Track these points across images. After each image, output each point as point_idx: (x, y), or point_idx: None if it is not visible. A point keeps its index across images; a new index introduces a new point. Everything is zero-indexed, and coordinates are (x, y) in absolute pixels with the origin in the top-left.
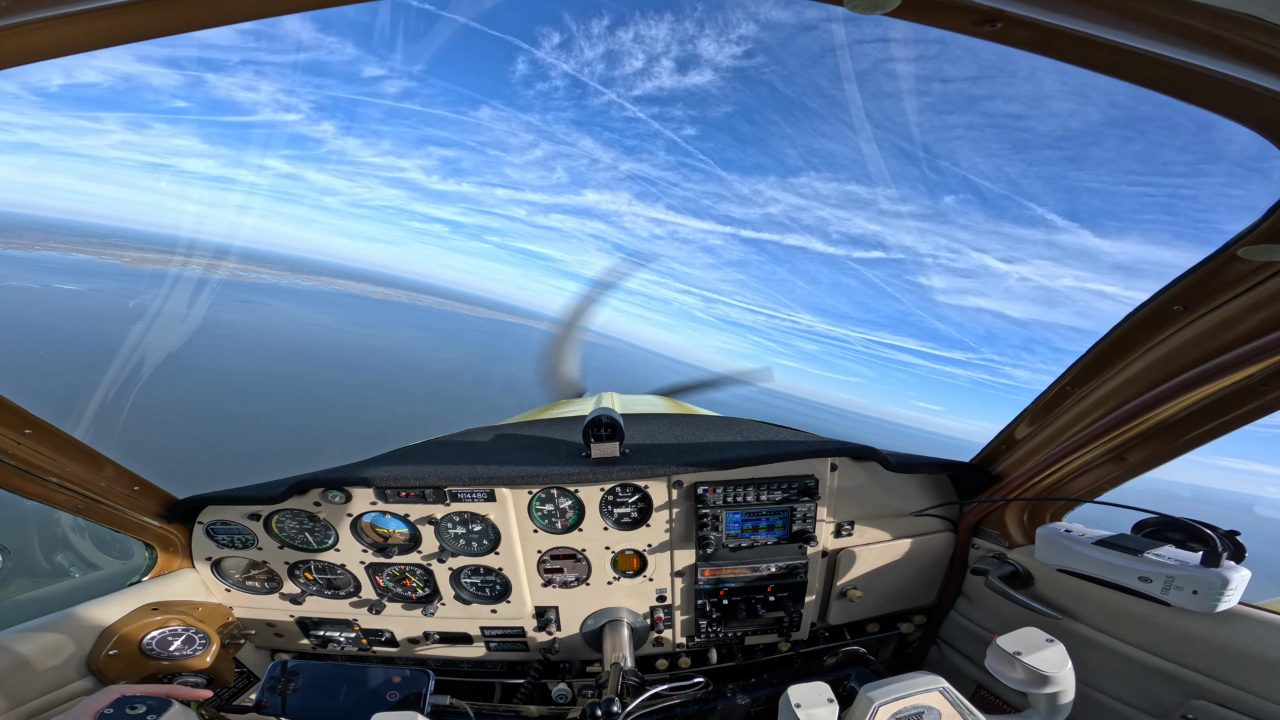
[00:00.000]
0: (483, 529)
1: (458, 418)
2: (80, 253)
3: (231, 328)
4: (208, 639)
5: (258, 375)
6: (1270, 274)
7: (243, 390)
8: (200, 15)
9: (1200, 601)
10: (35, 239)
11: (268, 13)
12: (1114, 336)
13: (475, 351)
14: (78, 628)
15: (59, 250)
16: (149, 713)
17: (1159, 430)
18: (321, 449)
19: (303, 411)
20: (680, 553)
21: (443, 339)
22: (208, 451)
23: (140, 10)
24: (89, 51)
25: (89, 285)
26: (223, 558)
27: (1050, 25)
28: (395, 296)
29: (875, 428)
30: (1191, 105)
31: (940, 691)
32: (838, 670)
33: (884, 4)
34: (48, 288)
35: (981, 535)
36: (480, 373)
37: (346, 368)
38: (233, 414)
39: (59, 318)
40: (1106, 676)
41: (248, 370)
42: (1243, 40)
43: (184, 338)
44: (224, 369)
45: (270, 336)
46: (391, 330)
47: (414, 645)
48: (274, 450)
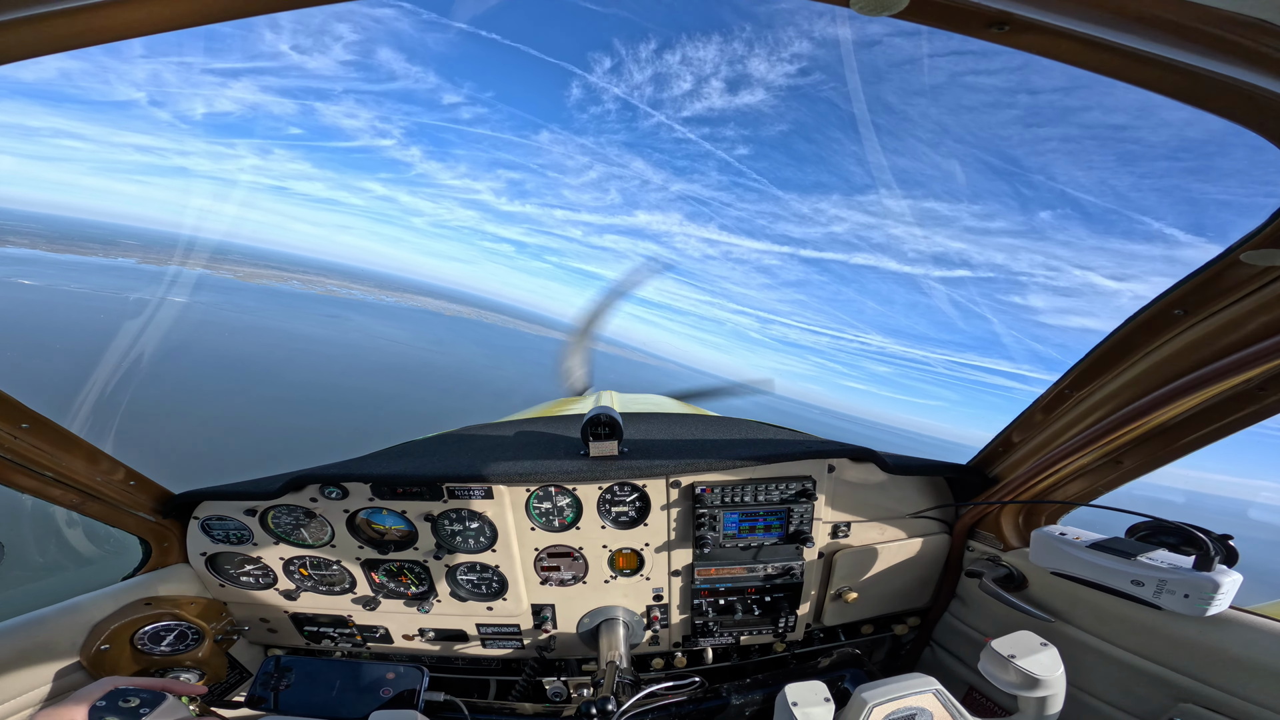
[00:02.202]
0: (480, 526)
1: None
2: (202, 268)
3: (310, 341)
4: (201, 634)
5: (328, 390)
6: (1271, 279)
7: (306, 405)
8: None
9: (1191, 605)
10: (170, 254)
11: (262, 10)
12: (1114, 340)
13: (531, 370)
14: (70, 622)
15: (183, 265)
16: (142, 705)
17: (1156, 434)
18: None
19: (357, 429)
20: (677, 552)
21: (502, 357)
22: (271, 461)
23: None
24: (83, 48)
25: (197, 298)
26: (218, 553)
27: (1058, 28)
28: (464, 313)
29: (955, 453)
30: (1199, 110)
31: (933, 693)
32: (832, 671)
33: (891, 5)
34: (162, 300)
35: (977, 538)
36: (533, 393)
37: (409, 383)
38: (294, 427)
39: (151, 326)
40: (1097, 679)
41: (319, 384)
42: (1251, 44)
43: (266, 350)
44: (297, 383)
45: (345, 351)
46: (456, 347)
47: (409, 642)
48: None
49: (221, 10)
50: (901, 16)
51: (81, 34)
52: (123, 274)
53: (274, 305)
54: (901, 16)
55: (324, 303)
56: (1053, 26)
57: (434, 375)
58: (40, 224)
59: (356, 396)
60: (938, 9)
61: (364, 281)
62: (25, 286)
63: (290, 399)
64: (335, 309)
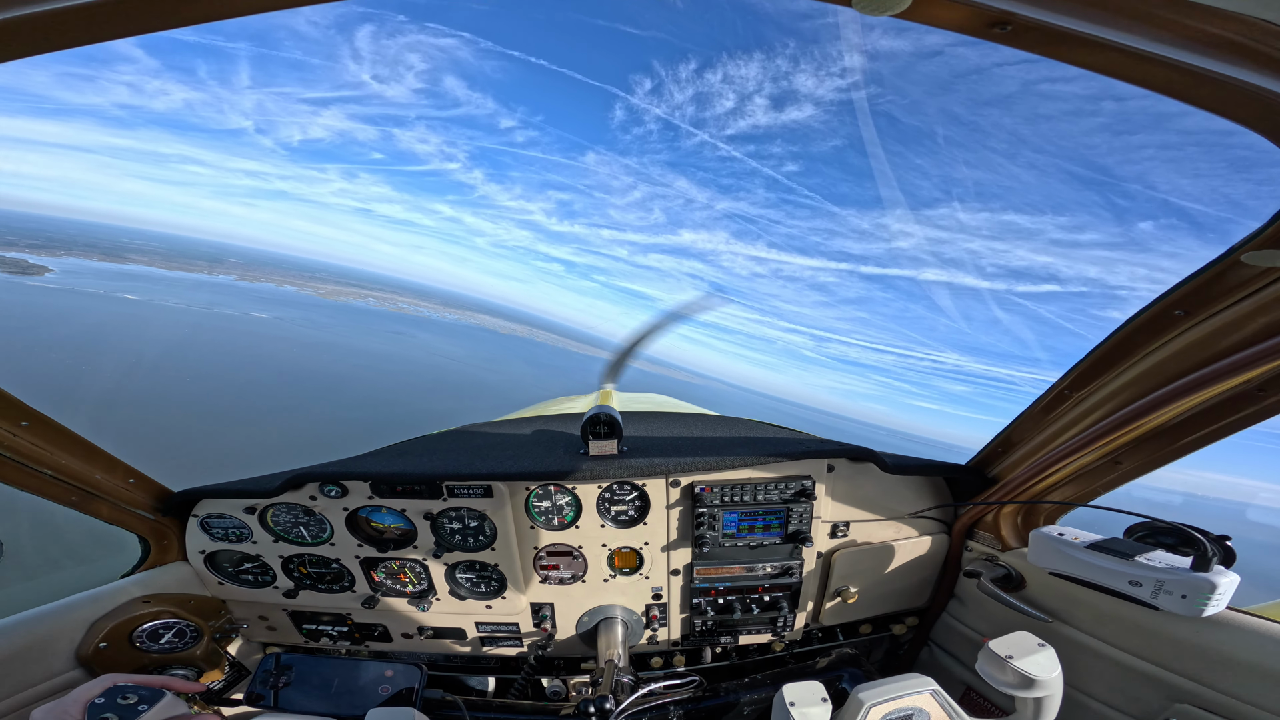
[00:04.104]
0: (479, 524)
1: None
2: (291, 284)
3: (373, 357)
4: (200, 632)
5: (381, 408)
6: (1272, 279)
7: (362, 423)
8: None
9: (1188, 606)
10: (264, 272)
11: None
12: (1114, 341)
13: (575, 389)
14: (68, 620)
15: (274, 282)
16: (141, 702)
17: (1156, 435)
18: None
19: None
20: (677, 551)
21: (549, 377)
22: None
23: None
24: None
25: (278, 313)
26: (217, 551)
27: (1060, 28)
28: (518, 331)
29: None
30: (1200, 110)
31: (931, 694)
32: (830, 671)
33: (893, 5)
34: (245, 315)
35: (975, 538)
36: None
37: (459, 400)
38: (346, 437)
39: (230, 339)
40: (1094, 680)
41: (373, 402)
42: (1253, 44)
43: (329, 365)
44: (357, 401)
45: (404, 368)
46: (507, 365)
47: (408, 640)
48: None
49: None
50: (903, 16)
51: (71, 33)
52: (218, 290)
53: (347, 321)
54: (903, 16)
55: (394, 319)
56: (1054, 27)
57: (484, 394)
58: (159, 242)
59: (406, 415)
60: (940, 9)
61: (432, 299)
62: (128, 301)
63: (348, 418)
64: (403, 326)
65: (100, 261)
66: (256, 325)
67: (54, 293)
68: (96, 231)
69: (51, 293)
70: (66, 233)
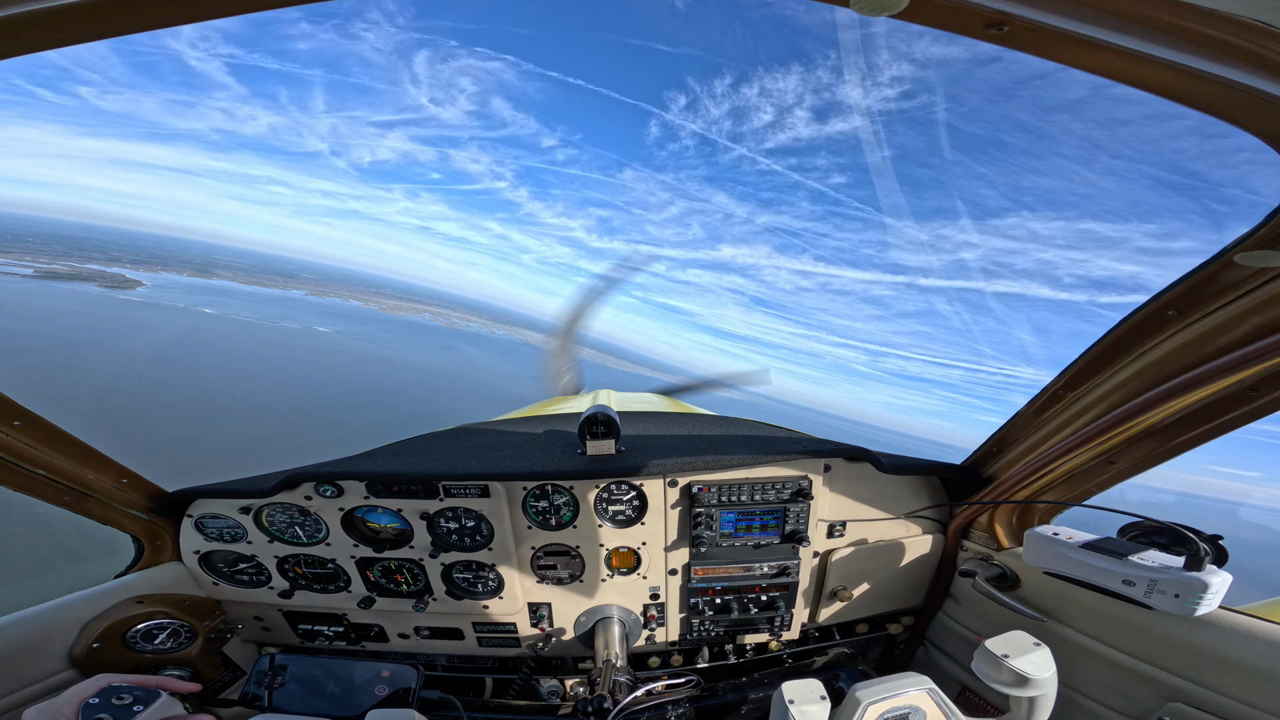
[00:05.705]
0: (476, 524)
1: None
2: (357, 299)
3: (422, 372)
4: (194, 632)
5: (427, 423)
6: (1265, 279)
7: (395, 437)
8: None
9: (1181, 605)
10: (334, 287)
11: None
12: (1108, 341)
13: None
14: (61, 620)
15: (341, 297)
16: (135, 703)
17: (1149, 434)
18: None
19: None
20: (674, 551)
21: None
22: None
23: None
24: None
25: (339, 327)
26: (211, 551)
27: (1057, 30)
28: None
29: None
30: (1197, 111)
31: (927, 692)
32: (827, 670)
33: (890, 6)
34: (308, 329)
35: (970, 538)
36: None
37: (502, 414)
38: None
39: (289, 350)
40: (1087, 679)
41: (420, 418)
42: (1251, 46)
43: (379, 379)
44: (400, 418)
45: (450, 383)
46: (549, 383)
47: (404, 640)
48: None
49: (214, 9)
50: (900, 17)
51: (70, 32)
52: (290, 304)
53: (402, 336)
54: (900, 17)
55: (446, 334)
56: (1052, 27)
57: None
58: (242, 258)
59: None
60: (937, 10)
61: (483, 315)
62: (204, 315)
63: (379, 432)
64: (454, 341)
65: (190, 276)
66: (317, 339)
67: (140, 306)
68: (192, 248)
69: (138, 306)
70: (167, 249)
